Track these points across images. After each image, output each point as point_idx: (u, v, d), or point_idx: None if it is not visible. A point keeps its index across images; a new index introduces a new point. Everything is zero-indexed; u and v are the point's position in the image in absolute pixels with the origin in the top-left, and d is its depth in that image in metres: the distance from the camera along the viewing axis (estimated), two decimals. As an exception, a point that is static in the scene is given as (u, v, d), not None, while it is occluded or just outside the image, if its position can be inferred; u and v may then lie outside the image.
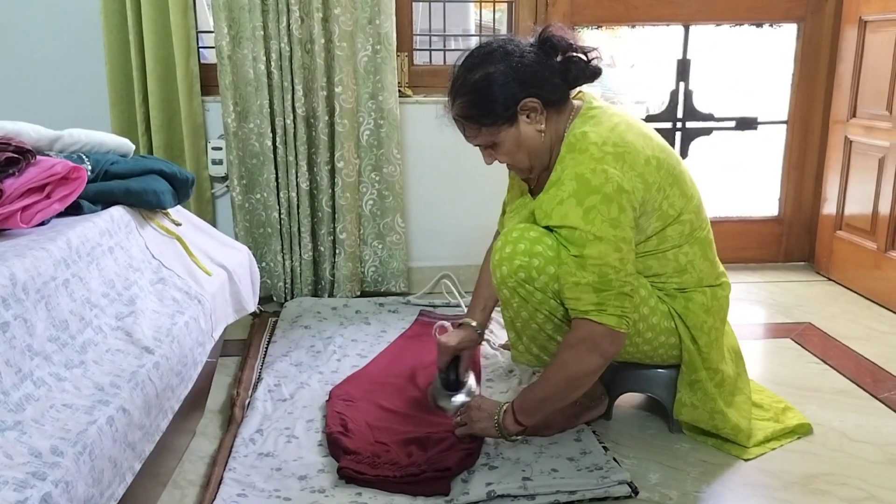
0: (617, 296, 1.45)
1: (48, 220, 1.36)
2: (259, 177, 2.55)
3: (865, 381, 2.00)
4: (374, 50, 2.48)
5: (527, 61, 1.50)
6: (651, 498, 1.50)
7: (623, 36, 6.52)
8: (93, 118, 2.40)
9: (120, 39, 2.46)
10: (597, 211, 1.44)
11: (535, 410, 1.56)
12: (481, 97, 1.50)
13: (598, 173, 1.45)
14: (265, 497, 1.46)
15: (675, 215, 1.56)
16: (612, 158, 1.47)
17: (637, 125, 1.57)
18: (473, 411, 1.63)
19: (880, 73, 2.58)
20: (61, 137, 1.54)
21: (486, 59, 1.52)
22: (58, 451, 0.96)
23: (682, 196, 1.57)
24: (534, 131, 1.53)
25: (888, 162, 2.55)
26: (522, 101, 1.50)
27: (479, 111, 1.52)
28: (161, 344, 1.32)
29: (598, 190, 1.44)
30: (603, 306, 1.45)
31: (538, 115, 1.52)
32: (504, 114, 1.50)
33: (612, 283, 1.45)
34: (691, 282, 1.62)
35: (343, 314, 2.48)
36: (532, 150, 1.55)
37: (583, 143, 1.50)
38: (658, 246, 1.58)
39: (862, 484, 1.54)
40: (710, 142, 3.09)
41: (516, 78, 1.49)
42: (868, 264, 2.66)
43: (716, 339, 1.65)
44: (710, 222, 1.68)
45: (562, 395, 1.54)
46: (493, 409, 1.61)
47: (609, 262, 1.44)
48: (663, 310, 1.60)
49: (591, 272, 1.45)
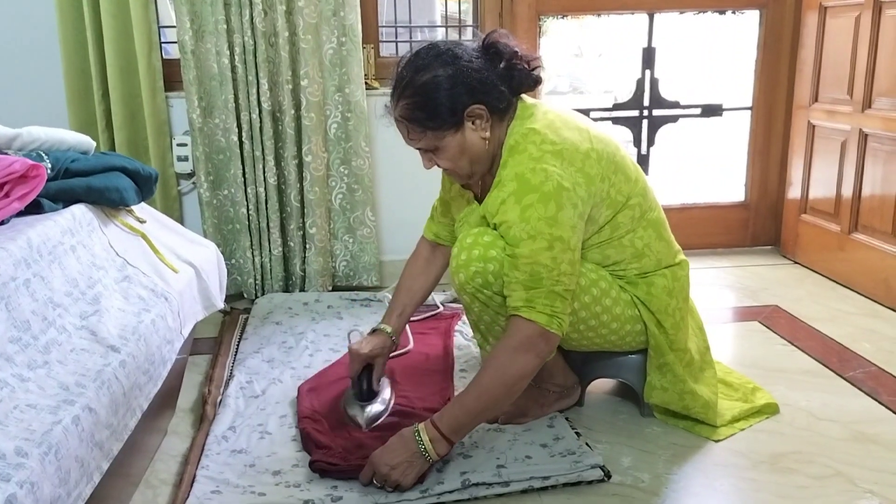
0: (547, 294, 1.44)
1: (7, 220, 1.33)
2: (226, 173, 2.53)
3: (831, 361, 2.04)
4: (340, 42, 2.47)
5: (474, 66, 1.48)
6: (623, 481, 1.52)
7: (589, 25, 6.56)
8: (50, 115, 2.36)
9: (76, 35, 2.42)
10: (533, 209, 1.43)
11: (470, 426, 1.50)
12: (428, 100, 1.47)
13: (537, 172, 1.44)
14: (239, 493, 1.45)
15: (623, 201, 1.57)
16: (550, 156, 1.46)
17: (572, 119, 1.57)
18: (380, 466, 1.43)
19: (841, 58, 2.63)
20: (20, 136, 1.51)
21: (434, 62, 1.48)
22: (22, 452, 0.94)
23: (626, 181, 1.58)
24: (478, 138, 1.51)
25: (850, 145, 2.59)
26: (469, 108, 1.47)
27: (424, 114, 1.48)
28: (127, 342, 1.30)
29: (537, 189, 1.44)
30: (532, 303, 1.44)
31: (484, 123, 1.50)
32: (450, 119, 1.47)
33: (543, 281, 1.43)
34: (650, 265, 1.63)
35: (315, 309, 2.47)
36: (474, 156, 1.52)
37: (522, 144, 1.49)
38: (612, 234, 1.58)
39: (828, 461, 1.57)
40: (676, 129, 3.13)
41: (464, 83, 1.46)
42: (832, 246, 2.71)
43: (681, 320, 1.67)
44: (659, 203, 1.69)
45: (498, 402, 1.49)
46: (403, 450, 1.44)
47: (540, 260, 1.43)
48: (626, 299, 1.61)
49: (523, 270, 1.44)
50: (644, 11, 2.87)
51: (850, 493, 1.47)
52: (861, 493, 1.46)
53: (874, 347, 2.12)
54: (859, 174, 2.55)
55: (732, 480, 1.52)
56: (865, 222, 2.55)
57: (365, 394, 1.71)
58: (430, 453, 1.44)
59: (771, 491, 1.48)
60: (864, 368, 1.99)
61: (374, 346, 1.73)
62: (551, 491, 1.48)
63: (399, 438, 1.47)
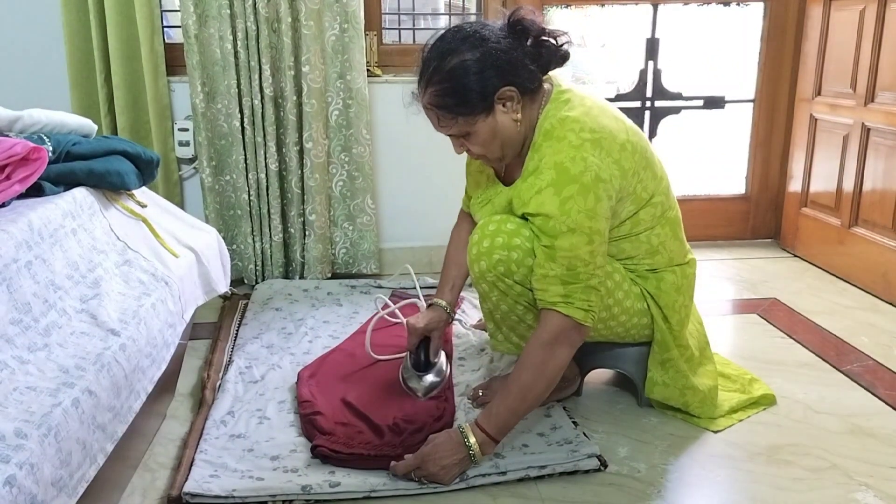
0: (584, 289, 1.44)
1: (9, 202, 1.33)
2: (228, 158, 2.52)
3: (829, 355, 2.04)
4: (342, 29, 2.46)
5: (502, 47, 1.43)
6: (620, 471, 1.52)
7: (593, 15, 6.52)
8: (53, 98, 2.35)
9: (80, 19, 2.41)
10: (573, 201, 1.41)
11: (514, 424, 1.49)
12: (457, 86, 1.42)
13: (577, 161, 1.42)
14: (238, 477, 1.46)
15: (647, 198, 1.56)
16: (590, 145, 1.43)
17: (609, 108, 1.54)
18: (430, 464, 1.43)
19: (844, 51, 2.62)
20: (21, 118, 1.51)
21: (461, 45, 1.43)
22: (22, 433, 0.95)
23: (653, 178, 1.57)
24: (510, 121, 1.47)
25: (852, 139, 2.59)
26: (500, 91, 1.43)
27: (454, 100, 1.43)
28: (127, 326, 1.31)
29: (577, 179, 1.41)
30: (570, 298, 1.43)
31: (515, 105, 1.46)
32: (481, 104, 1.43)
33: (580, 275, 1.43)
34: (662, 262, 1.63)
35: (314, 296, 2.47)
36: (506, 139, 1.49)
37: (560, 131, 1.45)
38: (632, 230, 1.57)
39: (824, 454, 1.58)
40: (678, 121, 3.12)
41: (493, 66, 1.42)
42: (832, 240, 2.71)
43: (686, 317, 1.67)
44: (676, 201, 1.68)
45: (540, 398, 1.48)
46: (454, 452, 1.45)
47: (579, 254, 1.42)
48: (636, 292, 1.61)
49: (561, 264, 1.43)
50: (648, 2, 2.86)
51: (846, 485, 1.47)
52: (856, 486, 1.47)
53: (872, 341, 2.13)
54: (861, 168, 2.55)
55: (729, 471, 1.53)
56: (866, 216, 2.55)
57: (422, 365, 1.78)
58: (476, 455, 1.45)
59: (767, 482, 1.49)
60: (861, 362, 2.00)
61: (430, 319, 1.75)
62: (548, 480, 1.49)
63: (448, 440, 1.46)
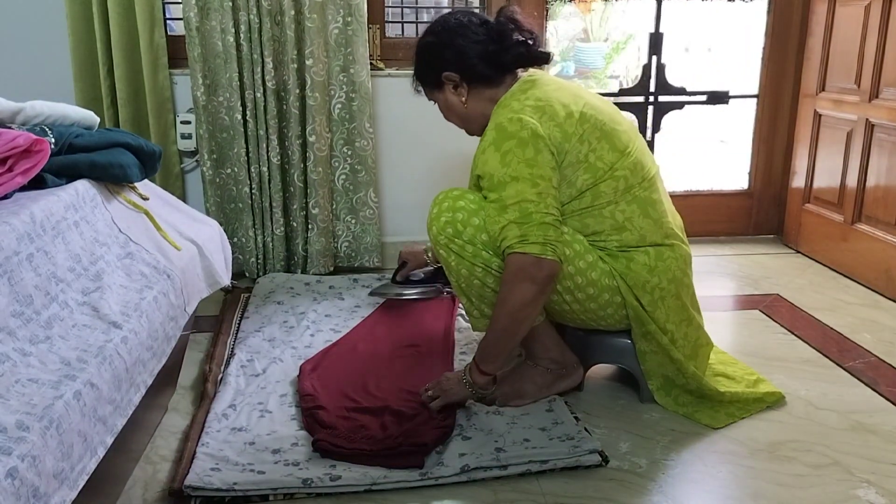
0: (539, 225, 1.53)
1: (11, 194, 1.33)
2: (229, 151, 2.52)
3: (831, 351, 2.04)
4: (346, 22, 2.45)
5: (469, 39, 1.65)
6: (621, 466, 1.52)
7: (597, 9, 6.51)
8: (56, 90, 2.34)
9: (83, 11, 2.40)
10: (512, 154, 1.55)
11: (493, 355, 1.63)
12: (419, 60, 1.75)
13: (514, 122, 1.57)
14: (239, 471, 1.46)
15: (605, 169, 1.61)
16: (530, 110, 1.59)
17: (571, 88, 1.68)
18: (443, 382, 1.69)
19: (849, 47, 2.61)
20: (23, 109, 1.50)
21: (435, 28, 1.72)
22: (23, 425, 0.95)
23: (612, 150, 1.62)
24: (457, 101, 1.72)
25: (855, 135, 2.58)
26: (445, 73, 1.68)
27: (417, 71, 1.76)
28: (129, 318, 1.30)
29: (514, 135, 1.56)
30: (525, 237, 1.52)
31: (460, 89, 1.70)
32: (432, 80, 1.73)
33: (533, 215, 1.53)
34: (632, 239, 1.65)
35: (316, 289, 2.47)
36: (460, 115, 1.74)
37: (507, 101, 1.65)
38: (593, 202, 1.62)
39: (826, 450, 1.58)
40: (681, 116, 3.11)
41: (448, 52, 1.67)
42: (835, 236, 2.71)
43: (660, 299, 1.67)
44: (662, 186, 1.73)
45: (509, 330, 1.59)
46: (459, 374, 1.69)
47: (527, 196, 1.53)
48: (604, 268, 1.64)
49: (512, 210, 1.54)
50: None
51: (847, 482, 1.47)
52: (858, 483, 1.47)
53: (874, 338, 2.13)
54: (864, 164, 2.54)
55: (730, 467, 1.53)
56: (869, 213, 2.54)
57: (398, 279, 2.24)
58: (468, 379, 1.65)
59: (768, 479, 1.49)
60: (863, 359, 2.00)
61: (411, 252, 2.21)
62: (549, 475, 1.49)
63: (454, 375, 1.70)
